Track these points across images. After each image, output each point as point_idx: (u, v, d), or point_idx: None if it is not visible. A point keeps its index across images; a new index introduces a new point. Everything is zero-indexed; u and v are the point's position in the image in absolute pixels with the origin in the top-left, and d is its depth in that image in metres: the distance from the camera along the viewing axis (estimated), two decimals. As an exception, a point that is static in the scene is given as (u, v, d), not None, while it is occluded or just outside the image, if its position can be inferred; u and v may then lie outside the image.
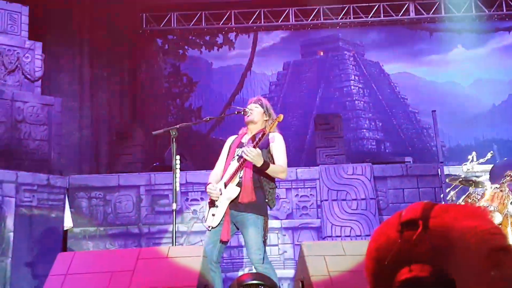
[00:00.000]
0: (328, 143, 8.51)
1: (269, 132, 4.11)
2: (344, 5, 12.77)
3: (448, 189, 7.61)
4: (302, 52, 13.76)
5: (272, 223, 7.54)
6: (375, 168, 7.83)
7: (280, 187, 7.69)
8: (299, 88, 13.53)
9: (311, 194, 7.79)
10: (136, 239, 7.53)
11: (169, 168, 7.47)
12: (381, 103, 13.50)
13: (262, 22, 12.95)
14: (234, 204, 4.10)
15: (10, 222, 6.93)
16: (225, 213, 4.11)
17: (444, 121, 11.58)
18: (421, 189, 7.83)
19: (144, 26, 12.89)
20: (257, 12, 12.86)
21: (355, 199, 7.61)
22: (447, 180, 7.36)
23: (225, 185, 4.13)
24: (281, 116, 4.08)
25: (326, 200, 7.62)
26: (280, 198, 7.69)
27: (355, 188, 7.66)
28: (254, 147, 3.99)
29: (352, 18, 12.89)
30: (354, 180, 7.71)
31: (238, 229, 4.21)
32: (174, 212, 3.96)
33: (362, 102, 13.53)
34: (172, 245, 3.90)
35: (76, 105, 11.13)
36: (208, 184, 4.29)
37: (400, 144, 13.21)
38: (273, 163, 4.21)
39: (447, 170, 7.74)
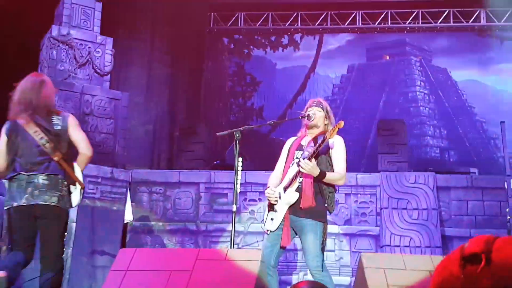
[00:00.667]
0: (391, 149, 8.33)
1: (329, 138, 4.05)
2: (412, 10, 12.49)
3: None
4: (368, 55, 13.55)
5: (330, 229, 7.40)
6: (438, 178, 7.61)
7: (339, 192, 7.59)
8: (362, 92, 13.33)
9: (370, 201, 7.65)
10: (193, 236, 7.63)
11: (229, 167, 7.52)
12: (446, 111, 13.12)
13: (329, 24, 12.85)
14: (294, 209, 4.07)
15: (73, 213, 7.15)
16: (284, 218, 4.08)
17: (513, 132, 11.12)
18: (486, 202, 7.55)
19: (211, 25, 13.06)
20: (323, 14, 12.77)
21: (416, 209, 7.42)
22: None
23: (284, 190, 4.11)
24: (342, 123, 4.00)
25: (386, 208, 7.47)
26: (339, 203, 7.60)
27: (416, 197, 7.47)
28: (310, 158, 3.95)
29: (420, 23, 12.59)
30: (416, 189, 7.53)
31: (296, 234, 4.18)
32: (233, 214, 3.98)
33: (427, 109, 13.19)
34: (230, 247, 3.92)
35: (142, 100, 11.41)
36: (267, 187, 4.27)
37: (465, 154, 12.79)
38: (332, 167, 4.15)
39: (515, 183, 7.43)
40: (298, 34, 13.36)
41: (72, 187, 3.95)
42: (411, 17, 12.58)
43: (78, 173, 3.98)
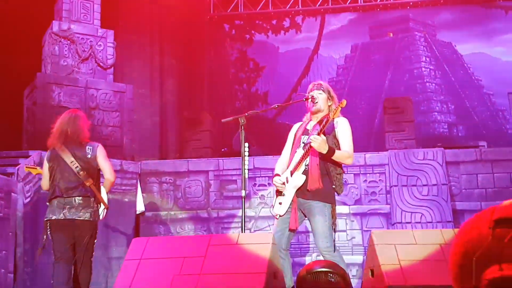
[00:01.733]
0: (398, 127, 8.31)
1: (333, 118, 4.04)
2: (414, -16, 12.37)
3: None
4: (371, 34, 13.45)
5: (340, 209, 7.46)
6: (447, 153, 7.58)
7: (348, 172, 7.59)
8: (367, 71, 13.26)
9: (380, 180, 7.65)
10: (205, 224, 7.68)
11: (237, 153, 7.52)
12: (453, 85, 13.03)
13: (330, 5, 12.74)
14: (301, 192, 4.08)
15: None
16: (292, 201, 4.10)
17: (521, 103, 11.02)
18: (496, 175, 7.52)
19: (211, 12, 13.01)
20: (324, -5, 12.68)
21: (426, 185, 7.41)
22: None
23: (291, 174, 4.12)
24: (344, 102, 4.00)
25: (395, 185, 7.46)
26: (348, 184, 7.60)
27: (426, 173, 7.46)
28: (319, 134, 3.94)
29: (423, -3, 12.47)
30: (425, 165, 7.51)
31: (305, 216, 4.19)
32: (243, 199, 4.00)
33: (433, 84, 13.10)
34: (241, 231, 3.95)
35: (147, 92, 11.42)
36: (275, 175, 4.28)
37: (474, 128, 12.72)
38: (339, 148, 4.15)
39: (525, 154, 7.40)
40: (300, 16, 13.26)
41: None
42: (413, -8, 12.45)
43: (104, 195, 4.81)
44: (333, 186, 4.13)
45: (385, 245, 3.25)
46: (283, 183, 4.16)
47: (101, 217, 4.79)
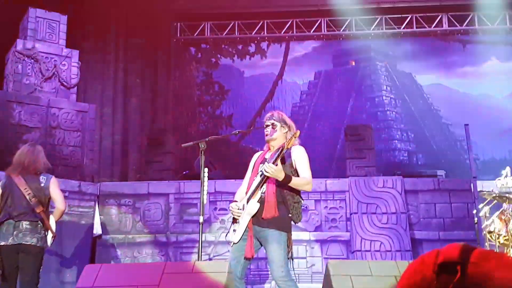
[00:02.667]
0: (359, 154, 8.42)
1: (287, 147, 4.06)
2: (376, 16, 12.68)
3: (482, 205, 7.43)
4: (334, 62, 13.69)
5: (301, 235, 7.48)
6: (406, 182, 7.71)
7: (309, 198, 7.64)
8: (330, 98, 13.45)
9: (340, 207, 7.71)
10: (163, 248, 7.57)
11: (198, 176, 7.47)
12: (413, 114, 13.33)
13: (294, 32, 12.96)
14: (257, 219, 4.06)
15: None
16: (248, 228, 4.08)
17: (478, 134, 11.35)
18: (454, 204, 7.68)
19: (178, 35, 13.04)
20: (289, 22, 12.88)
21: (385, 213, 7.50)
22: (485, 195, 7.17)
23: (247, 201, 4.12)
24: (298, 132, 4.04)
25: (355, 213, 7.53)
26: (309, 210, 7.63)
27: (385, 201, 7.55)
28: (274, 162, 3.95)
29: (384, 29, 12.79)
30: (385, 193, 7.61)
31: (261, 244, 4.17)
32: (200, 225, 3.96)
33: (394, 113, 13.37)
34: (199, 258, 3.91)
35: (109, 112, 11.30)
36: (233, 201, 4.27)
37: (433, 156, 13.00)
38: (298, 176, 4.16)
39: (481, 184, 7.55)
40: (265, 42, 13.42)
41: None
42: (375, 23, 12.76)
43: (52, 223, 4.94)
44: (290, 215, 4.12)
45: (340, 276, 3.27)
46: (239, 209, 4.14)
47: (48, 244, 4.93)
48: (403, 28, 12.73)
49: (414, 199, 7.68)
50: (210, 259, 7.25)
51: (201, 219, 4.01)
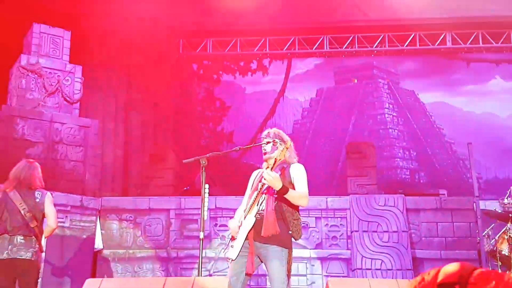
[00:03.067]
0: (360, 172, 8.42)
1: (280, 159, 4.09)
2: (379, 34, 12.73)
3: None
4: (336, 79, 13.72)
5: (301, 253, 7.46)
6: (407, 200, 7.68)
7: (310, 215, 7.63)
8: (332, 115, 13.47)
9: (341, 224, 7.68)
10: (164, 263, 7.55)
11: (199, 192, 7.47)
12: (415, 132, 13.33)
13: (297, 49, 13.01)
14: (258, 235, 4.06)
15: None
16: (248, 244, 4.07)
17: (481, 152, 11.35)
18: (456, 224, 7.63)
19: (180, 51, 13.11)
20: (291, 39, 12.95)
21: (386, 231, 7.47)
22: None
23: (245, 217, 4.12)
24: (289, 143, 4.11)
25: (356, 231, 7.50)
26: (310, 227, 7.61)
27: (387, 219, 7.53)
28: (273, 168, 4.00)
29: (387, 46, 12.82)
30: (386, 212, 7.58)
31: (261, 261, 4.15)
32: (201, 241, 3.95)
33: (396, 131, 13.38)
34: (199, 274, 3.89)
35: (111, 127, 11.33)
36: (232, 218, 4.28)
37: (435, 175, 12.96)
38: None
39: (484, 204, 7.52)
40: (267, 58, 13.48)
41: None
42: (378, 41, 12.81)
43: (42, 240, 5.04)
44: (290, 232, 4.11)
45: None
46: (238, 227, 4.15)
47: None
48: (406, 46, 12.77)
49: (416, 218, 7.65)
50: (210, 275, 7.22)
51: (201, 235, 4.00)
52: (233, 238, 4.17)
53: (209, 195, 4.45)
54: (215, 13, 12.12)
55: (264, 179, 3.95)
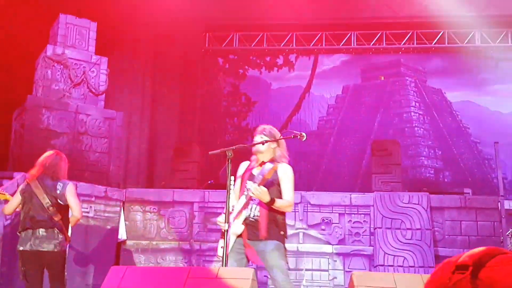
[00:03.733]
0: (385, 170, 8.37)
1: (271, 157, 4.21)
2: (407, 31, 12.60)
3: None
4: (363, 76, 13.62)
5: (323, 248, 7.46)
6: (432, 198, 7.62)
7: (333, 211, 7.62)
8: (357, 112, 13.38)
9: (364, 221, 7.66)
10: (186, 255, 7.60)
11: (223, 186, 7.49)
12: (441, 131, 13.15)
13: (324, 45, 12.95)
14: (252, 235, 4.18)
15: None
16: (243, 246, 4.21)
17: (507, 153, 11.16)
18: (480, 223, 7.56)
19: (206, 45, 13.15)
20: (318, 35, 12.88)
21: (410, 229, 7.42)
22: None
23: (233, 219, 4.23)
24: (281, 143, 4.36)
25: (379, 227, 7.47)
26: (333, 223, 7.60)
27: (410, 217, 7.48)
28: (260, 184, 4.09)
29: (415, 44, 12.69)
30: (410, 209, 7.53)
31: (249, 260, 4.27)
32: (225, 232, 3.96)
33: (421, 129, 13.22)
34: (222, 265, 3.91)
35: (136, 120, 11.42)
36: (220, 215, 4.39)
37: (460, 174, 12.79)
38: (281, 196, 4.26)
39: (508, 204, 7.42)
40: (293, 54, 13.43)
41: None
42: (406, 38, 12.68)
43: (68, 230, 5.06)
44: (282, 233, 4.22)
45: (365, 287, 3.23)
46: (223, 223, 4.25)
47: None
48: (434, 43, 12.62)
49: (440, 216, 7.60)
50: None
51: (226, 227, 4.01)
52: (222, 236, 4.22)
53: (234, 187, 4.47)
54: (242, 7, 12.12)
55: (253, 193, 4.07)
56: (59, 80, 8.66)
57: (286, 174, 4.31)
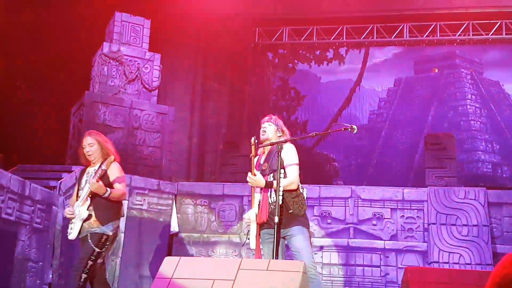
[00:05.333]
0: (439, 164, 8.16)
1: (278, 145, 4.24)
2: (463, 22, 12.23)
3: None
4: (416, 68, 13.32)
5: (375, 243, 7.36)
6: (489, 194, 7.38)
7: (385, 206, 7.50)
8: (410, 106, 13.11)
9: (417, 216, 7.49)
10: (237, 248, 7.65)
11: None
12: (499, 125, 12.72)
13: (375, 38, 12.74)
14: (270, 224, 4.20)
15: (122, 224, 7.31)
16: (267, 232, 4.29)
17: None
18: (540, 219, 7.26)
19: (256, 40, 13.17)
20: (369, 28, 12.68)
21: (466, 225, 7.22)
22: None
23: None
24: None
25: (434, 223, 7.29)
26: (384, 218, 7.48)
27: (466, 213, 7.27)
28: (252, 170, 4.24)
29: (471, 35, 12.30)
30: (466, 205, 7.33)
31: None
32: (275, 225, 3.97)
33: (478, 123, 12.82)
34: (272, 257, 3.92)
35: (187, 115, 11.58)
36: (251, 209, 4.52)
37: (519, 169, 12.37)
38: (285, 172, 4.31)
39: None
40: (344, 47, 13.28)
41: None
42: (461, 29, 12.32)
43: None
44: (290, 211, 4.20)
45: (419, 283, 3.17)
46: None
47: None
48: (491, 34, 12.20)
49: (498, 212, 7.35)
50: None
51: (276, 219, 4.02)
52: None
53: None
54: (291, 1, 12.09)
55: (249, 182, 4.26)
56: (115, 77, 8.89)
57: (289, 153, 4.41)
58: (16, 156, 8.93)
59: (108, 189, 4.64)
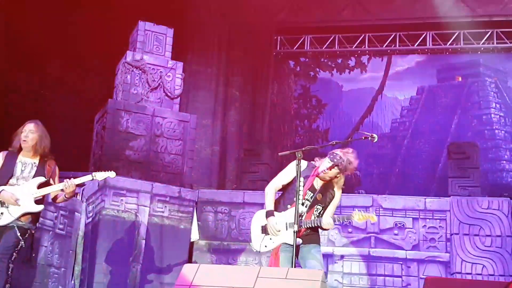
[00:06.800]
0: (462, 173, 8.06)
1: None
2: (487, 30, 12.08)
3: None
4: (439, 77, 13.20)
5: (397, 253, 7.30)
6: (513, 204, 7.27)
7: (407, 216, 7.45)
8: (433, 114, 12.98)
9: (440, 226, 7.42)
10: (257, 256, 7.64)
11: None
12: (524, 134, 12.54)
13: (397, 46, 12.66)
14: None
15: (143, 230, 7.39)
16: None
17: None
18: None
19: (278, 48, 13.19)
20: (392, 36, 12.61)
21: (489, 235, 7.13)
22: None
23: (287, 226, 4.42)
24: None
25: (456, 233, 7.22)
26: (406, 228, 7.41)
27: (490, 223, 7.18)
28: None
29: (495, 43, 12.15)
30: (489, 215, 7.24)
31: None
32: (294, 234, 3.97)
33: (503, 132, 12.65)
34: (291, 266, 3.91)
35: (209, 122, 11.63)
36: (271, 214, 4.61)
37: (545, 179, 12.15)
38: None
39: None
40: (366, 55, 13.23)
41: None
42: (485, 37, 12.17)
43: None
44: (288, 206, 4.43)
45: (440, 293, 3.13)
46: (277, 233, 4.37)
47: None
48: (516, 42, 12.05)
49: (523, 223, 7.22)
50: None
51: (295, 228, 4.01)
52: (264, 231, 4.46)
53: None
54: (313, 9, 12.09)
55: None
56: (138, 85, 8.99)
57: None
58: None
59: None
